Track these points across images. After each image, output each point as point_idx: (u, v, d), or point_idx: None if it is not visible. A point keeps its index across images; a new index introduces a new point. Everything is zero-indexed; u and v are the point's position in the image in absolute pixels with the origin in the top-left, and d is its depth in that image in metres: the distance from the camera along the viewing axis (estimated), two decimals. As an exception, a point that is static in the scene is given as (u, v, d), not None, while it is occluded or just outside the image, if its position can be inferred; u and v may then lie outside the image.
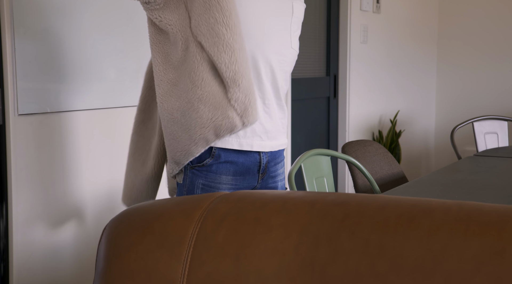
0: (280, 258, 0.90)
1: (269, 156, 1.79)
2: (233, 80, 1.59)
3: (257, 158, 1.76)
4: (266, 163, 1.78)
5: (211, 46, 1.58)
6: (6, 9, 2.12)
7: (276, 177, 1.85)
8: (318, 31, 4.29)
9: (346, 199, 0.94)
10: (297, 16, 1.81)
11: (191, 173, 1.72)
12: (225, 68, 1.58)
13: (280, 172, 1.87)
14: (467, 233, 0.82)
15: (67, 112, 2.37)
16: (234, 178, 1.73)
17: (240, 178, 1.74)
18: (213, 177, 1.71)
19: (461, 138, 4.01)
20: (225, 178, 1.71)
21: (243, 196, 1.01)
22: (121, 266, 0.98)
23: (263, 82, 1.72)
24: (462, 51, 5.51)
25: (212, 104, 1.60)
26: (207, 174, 1.71)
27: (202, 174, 1.71)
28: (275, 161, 1.83)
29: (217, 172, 1.70)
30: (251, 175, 1.76)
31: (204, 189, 1.71)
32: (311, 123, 4.26)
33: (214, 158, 1.70)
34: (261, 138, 1.74)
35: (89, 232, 2.48)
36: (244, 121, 1.62)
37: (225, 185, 1.72)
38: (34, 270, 2.30)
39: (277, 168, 1.84)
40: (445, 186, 2.36)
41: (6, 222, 2.21)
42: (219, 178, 1.71)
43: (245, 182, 1.75)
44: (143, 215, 1.03)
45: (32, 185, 2.26)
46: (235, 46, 1.58)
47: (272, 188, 1.83)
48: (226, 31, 1.57)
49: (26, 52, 2.20)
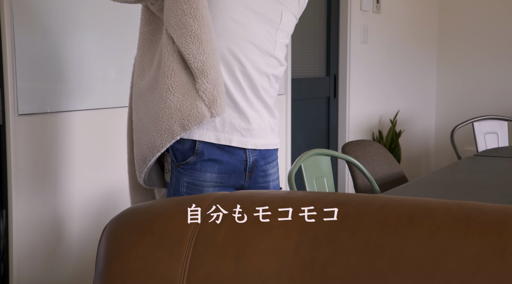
0: (280, 258, 0.90)
1: (257, 155, 1.79)
2: (201, 71, 1.61)
3: (243, 156, 1.76)
4: (253, 162, 1.78)
5: (179, 37, 1.60)
6: (6, 9, 2.12)
7: (267, 176, 1.85)
8: (318, 31, 4.29)
9: (346, 199, 0.94)
10: (286, 24, 1.81)
11: (177, 172, 1.74)
12: (193, 59, 1.60)
13: (271, 171, 1.87)
14: (467, 233, 0.82)
15: (67, 112, 2.37)
16: (219, 176, 1.73)
17: (225, 176, 1.74)
18: (198, 175, 1.72)
19: (461, 138, 4.01)
20: (210, 176, 1.72)
21: (243, 196, 1.01)
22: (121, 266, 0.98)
23: (237, 79, 1.73)
24: (462, 51, 5.51)
25: (181, 93, 1.62)
26: (192, 172, 1.72)
27: (187, 172, 1.72)
28: (265, 160, 1.83)
29: (201, 170, 1.71)
30: (237, 174, 1.76)
31: (189, 187, 1.72)
32: (311, 123, 4.27)
33: (198, 155, 1.71)
34: (242, 135, 1.74)
35: (89, 232, 2.48)
36: (212, 112, 1.63)
37: (209, 183, 1.72)
38: (34, 270, 2.30)
39: (268, 168, 1.84)
40: (445, 186, 2.36)
41: (6, 222, 2.21)
42: (203, 176, 1.72)
43: (231, 180, 1.76)
44: (143, 215, 1.03)
45: (32, 185, 2.26)
46: (202, 37, 1.60)
47: (263, 188, 1.83)
48: (194, 22, 1.59)
49: (26, 52, 2.20)
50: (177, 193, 1.73)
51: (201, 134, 1.70)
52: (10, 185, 2.19)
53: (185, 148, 1.72)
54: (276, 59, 1.80)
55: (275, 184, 1.90)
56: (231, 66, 1.71)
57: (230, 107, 1.73)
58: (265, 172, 1.83)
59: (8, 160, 2.18)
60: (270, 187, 1.87)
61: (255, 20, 1.73)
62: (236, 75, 1.72)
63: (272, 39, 1.77)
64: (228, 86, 1.72)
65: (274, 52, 1.79)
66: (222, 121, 1.71)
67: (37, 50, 2.24)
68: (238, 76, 1.73)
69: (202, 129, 1.70)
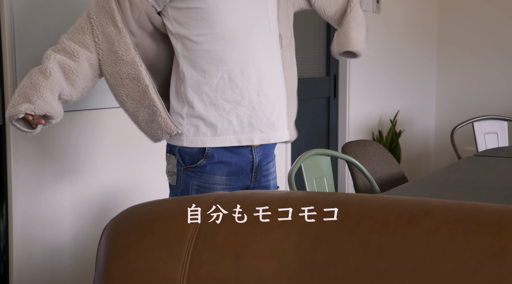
0: (280, 258, 0.90)
1: (261, 155, 1.81)
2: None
3: (249, 157, 1.77)
4: (258, 162, 1.79)
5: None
6: (6, 9, 2.12)
7: (268, 175, 1.87)
8: (318, 31, 4.29)
9: (346, 199, 0.94)
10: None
11: (185, 175, 1.73)
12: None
13: (272, 170, 1.89)
14: (467, 233, 0.82)
15: (67, 112, 2.37)
16: (228, 178, 1.74)
17: (233, 178, 1.75)
18: (207, 178, 1.72)
19: (461, 138, 4.01)
20: (219, 178, 1.72)
21: (243, 196, 1.01)
22: (121, 266, 0.98)
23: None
24: (462, 51, 5.51)
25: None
26: (201, 175, 1.71)
27: (196, 175, 1.72)
28: (267, 160, 1.85)
29: (211, 173, 1.71)
30: (245, 175, 1.77)
31: (199, 190, 1.72)
32: (311, 123, 4.27)
33: (208, 158, 1.71)
34: (262, 131, 1.77)
35: (89, 232, 2.48)
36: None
37: (219, 185, 1.73)
38: (34, 270, 2.30)
39: (269, 167, 1.87)
40: (445, 186, 2.36)
41: (6, 222, 2.21)
42: (213, 178, 1.72)
43: (238, 181, 1.77)
44: (143, 215, 1.03)
45: (32, 185, 2.26)
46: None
47: (265, 187, 1.85)
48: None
49: (26, 52, 2.19)
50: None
51: (222, 140, 1.72)
52: (10, 185, 2.19)
53: (193, 151, 1.72)
54: (273, 33, 1.86)
55: (274, 183, 1.92)
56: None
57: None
58: (267, 171, 1.85)
59: (8, 159, 2.18)
60: (271, 186, 1.88)
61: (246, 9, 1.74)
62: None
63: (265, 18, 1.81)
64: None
65: (271, 28, 1.84)
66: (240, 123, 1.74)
67: (37, 50, 2.24)
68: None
69: (221, 134, 1.72)
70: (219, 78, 1.70)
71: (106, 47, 1.69)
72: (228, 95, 1.71)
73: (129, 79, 1.71)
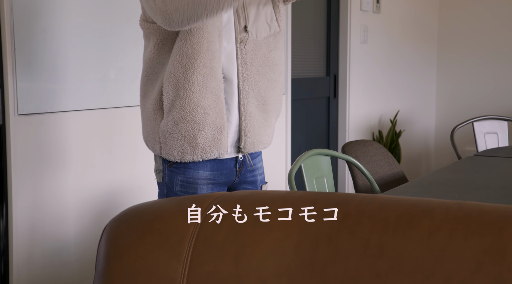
0: (280, 258, 0.90)
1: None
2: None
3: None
4: (242, 157, 1.81)
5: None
6: (6, 9, 2.12)
7: (254, 170, 1.89)
8: (318, 31, 4.29)
9: (346, 199, 0.94)
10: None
11: (170, 171, 1.76)
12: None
13: (258, 165, 1.92)
14: (467, 233, 0.82)
15: (67, 112, 2.37)
16: (212, 173, 1.77)
17: (217, 173, 1.77)
18: (191, 173, 1.74)
19: (461, 138, 4.01)
20: (203, 173, 1.75)
21: (243, 196, 1.01)
22: (121, 266, 0.98)
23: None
24: (462, 51, 5.51)
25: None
26: (185, 170, 1.74)
27: (180, 171, 1.75)
28: (252, 155, 1.87)
29: (194, 168, 1.74)
30: (229, 170, 1.80)
31: (183, 185, 1.75)
32: (311, 123, 4.26)
33: None
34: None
35: (89, 232, 2.48)
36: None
37: (203, 180, 1.76)
38: (34, 270, 2.30)
39: (255, 162, 1.89)
40: (445, 186, 2.36)
41: (6, 222, 2.21)
42: (197, 173, 1.75)
43: (223, 176, 1.79)
44: (143, 215, 1.03)
45: (32, 185, 2.26)
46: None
47: (252, 182, 1.88)
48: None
49: (26, 52, 2.20)
50: (171, 192, 1.76)
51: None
52: (10, 184, 2.19)
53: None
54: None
55: (262, 178, 1.95)
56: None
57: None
58: (252, 167, 1.87)
59: (8, 159, 2.18)
60: (258, 181, 1.91)
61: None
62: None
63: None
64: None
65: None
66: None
67: (37, 50, 2.24)
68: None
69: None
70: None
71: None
72: None
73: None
